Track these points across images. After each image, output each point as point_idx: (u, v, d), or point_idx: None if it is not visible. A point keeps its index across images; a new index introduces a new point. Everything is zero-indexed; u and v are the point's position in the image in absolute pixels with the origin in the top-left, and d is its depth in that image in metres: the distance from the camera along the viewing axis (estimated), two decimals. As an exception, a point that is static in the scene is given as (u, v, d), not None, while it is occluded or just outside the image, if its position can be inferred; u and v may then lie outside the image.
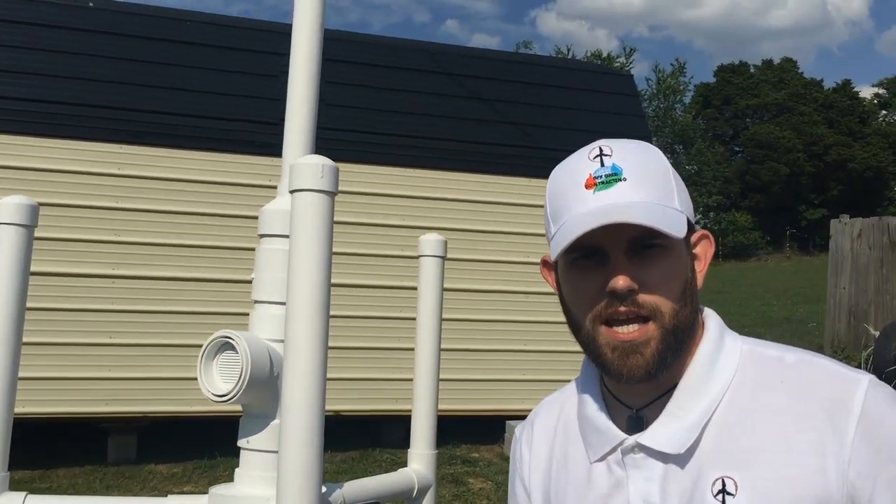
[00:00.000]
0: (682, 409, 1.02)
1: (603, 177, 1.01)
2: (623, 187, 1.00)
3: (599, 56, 43.42)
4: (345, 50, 7.00)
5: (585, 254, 1.01)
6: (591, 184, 1.01)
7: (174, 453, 6.33)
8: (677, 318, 1.01)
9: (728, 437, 1.00)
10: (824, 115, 45.15)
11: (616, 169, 1.01)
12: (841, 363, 1.04)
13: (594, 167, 1.02)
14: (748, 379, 1.03)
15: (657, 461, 1.02)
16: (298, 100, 1.77)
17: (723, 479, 0.98)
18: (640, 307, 0.99)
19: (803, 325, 14.68)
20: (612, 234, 0.98)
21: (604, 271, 1.00)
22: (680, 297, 1.01)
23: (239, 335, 1.66)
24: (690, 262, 1.06)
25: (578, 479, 1.09)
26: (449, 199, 6.92)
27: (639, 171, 1.02)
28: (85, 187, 6.10)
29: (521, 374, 6.93)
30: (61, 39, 6.33)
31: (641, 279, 0.99)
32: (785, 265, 34.20)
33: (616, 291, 0.98)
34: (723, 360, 1.05)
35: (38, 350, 5.90)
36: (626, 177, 1.01)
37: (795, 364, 1.03)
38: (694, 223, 1.08)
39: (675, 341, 1.01)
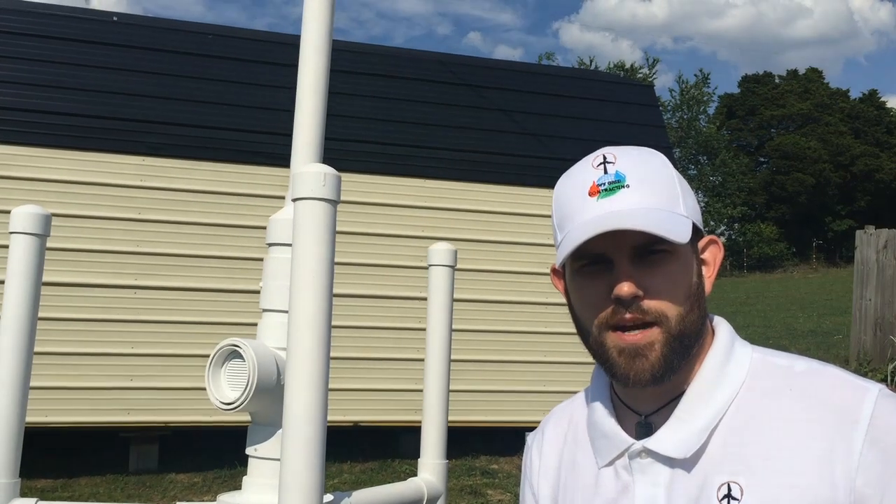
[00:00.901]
0: (689, 415, 1.02)
1: (606, 184, 1.02)
2: (626, 194, 1.01)
3: (622, 67, 43.33)
4: (357, 61, 7.06)
5: (591, 261, 1.02)
6: (594, 191, 1.02)
7: (195, 462, 6.37)
8: (683, 323, 1.01)
9: (735, 443, 1.00)
10: (851, 126, 44.72)
11: (619, 176, 1.02)
12: (851, 373, 1.04)
13: (598, 175, 1.03)
14: (757, 386, 1.03)
15: (664, 466, 1.03)
16: (306, 111, 1.79)
17: (728, 484, 0.98)
18: (645, 313, 1.00)
19: (829, 338, 14.50)
20: (616, 241, 0.99)
21: (609, 278, 1.01)
22: (686, 302, 1.01)
23: (246, 343, 1.68)
24: (697, 267, 1.05)
25: (586, 485, 1.10)
26: (468, 209, 6.94)
27: (642, 177, 1.02)
28: (109, 199, 6.18)
29: (541, 386, 6.90)
30: (88, 53, 6.43)
31: (646, 285, 1.00)
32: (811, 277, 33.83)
33: (621, 298, 0.99)
34: (732, 367, 1.05)
35: (62, 360, 5.98)
36: (630, 183, 1.01)
37: (805, 372, 1.03)
38: (702, 228, 1.08)
39: (681, 346, 1.01)
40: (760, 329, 16.32)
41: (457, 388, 6.57)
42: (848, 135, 44.07)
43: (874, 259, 11.00)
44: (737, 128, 47.78)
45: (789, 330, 16.19)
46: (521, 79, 7.71)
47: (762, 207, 44.25)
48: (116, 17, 6.85)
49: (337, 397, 6.38)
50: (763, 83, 49.36)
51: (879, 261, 10.93)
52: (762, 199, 44.07)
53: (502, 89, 7.46)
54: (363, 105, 6.95)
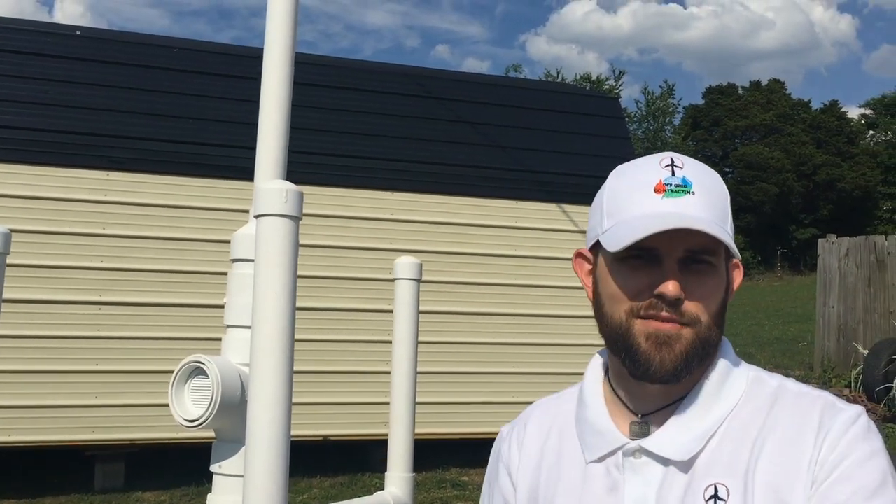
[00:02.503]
0: (691, 420, 1.06)
1: (673, 185, 1.05)
2: (691, 199, 1.04)
3: (589, 79, 43.70)
4: (323, 74, 7.06)
5: (638, 254, 1.04)
6: (660, 189, 1.05)
7: (162, 480, 6.29)
8: (710, 332, 1.05)
9: (726, 450, 1.04)
10: (812, 136, 45.45)
11: (686, 181, 1.05)
12: (838, 398, 1.09)
13: (665, 174, 1.06)
14: (752, 401, 1.08)
15: (658, 466, 1.05)
16: (269, 125, 1.79)
17: (715, 486, 1.02)
18: (682, 315, 1.03)
19: (794, 345, 14.69)
20: (672, 242, 1.02)
21: (653, 274, 1.03)
22: (716, 315, 1.06)
23: (210, 360, 1.67)
24: (728, 285, 1.10)
25: (572, 480, 1.11)
26: (434, 221, 6.95)
27: (706, 189, 1.06)
28: (72, 214, 6.11)
29: (510, 397, 6.92)
30: (50, 67, 6.37)
31: (689, 290, 1.03)
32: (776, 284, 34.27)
33: (666, 296, 1.02)
34: (732, 381, 1.10)
35: (25, 378, 5.89)
36: (695, 191, 1.05)
37: (794, 393, 1.08)
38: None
39: (703, 351, 1.05)
40: (727, 337, 16.45)
41: (426, 400, 6.58)
42: (810, 145, 44.78)
43: (836, 267, 11.18)
44: (702, 138, 48.34)
45: (755, 338, 16.37)
46: (487, 91, 7.76)
47: (727, 217, 44.76)
48: (79, 30, 6.80)
49: (306, 411, 6.35)
50: (727, 94, 50.03)
51: (841, 268, 11.12)
52: (727, 209, 44.57)
53: (468, 102, 7.50)
54: (329, 118, 6.95)
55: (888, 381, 8.55)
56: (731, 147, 47.95)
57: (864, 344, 10.40)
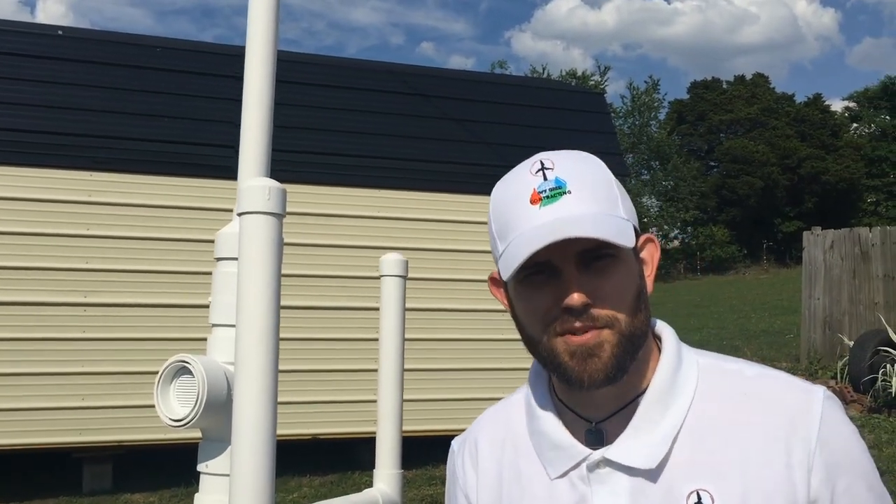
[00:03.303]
0: (648, 423, 1.01)
1: (547, 191, 0.99)
2: (568, 200, 0.98)
3: (574, 75, 43.79)
4: (307, 72, 7.03)
5: (536, 269, 0.98)
6: (535, 199, 0.99)
7: (150, 482, 6.27)
8: (632, 325, 0.99)
9: (700, 450, 1.00)
10: (797, 129, 45.71)
11: (560, 182, 0.99)
12: (794, 376, 1.06)
13: (537, 181, 1.00)
14: (712, 392, 1.03)
15: (623, 475, 1.00)
16: (252, 123, 1.79)
17: (698, 493, 0.97)
18: (595, 320, 0.97)
19: (781, 337, 14.77)
20: (561, 249, 0.96)
21: (556, 286, 0.98)
22: (633, 305, 1.00)
23: (195, 359, 1.66)
24: (639, 268, 1.04)
25: (536, 497, 1.06)
26: (420, 219, 6.95)
27: (582, 182, 1.00)
28: (56, 215, 6.07)
29: (499, 392, 6.88)
30: (32, 68, 6.31)
31: (594, 292, 0.97)
32: (762, 278, 34.44)
33: (571, 308, 0.96)
34: (683, 372, 1.04)
35: (10, 381, 5.85)
36: (571, 189, 0.98)
37: (756, 377, 1.04)
38: (638, 229, 1.05)
39: (632, 346, 0.99)
40: (714, 331, 16.57)
41: (415, 397, 6.58)
42: (794, 138, 45.02)
43: (821, 259, 11.25)
44: (687, 133, 48.52)
45: (742, 331, 16.45)
46: (472, 88, 7.75)
47: (714, 211, 44.95)
48: (62, 30, 6.75)
49: (295, 410, 6.33)
50: (711, 89, 50.22)
51: (826, 261, 11.18)
52: (713, 203, 44.77)
53: (453, 98, 7.50)
54: (313, 116, 6.93)
55: (874, 372, 8.60)
56: (716, 141, 48.16)
57: (849, 335, 10.47)
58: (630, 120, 44.50)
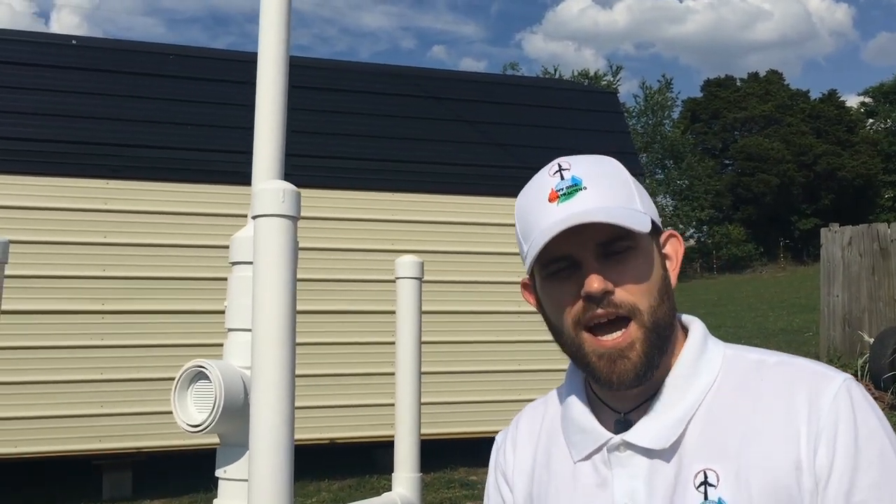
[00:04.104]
0: (666, 407, 1.05)
1: (564, 189, 1.05)
2: (585, 195, 1.04)
3: (586, 75, 43.72)
4: (320, 77, 7.05)
5: (559, 266, 1.04)
6: (553, 197, 1.05)
7: (170, 488, 6.28)
8: (656, 314, 1.03)
9: (710, 433, 1.03)
10: (812, 126, 45.43)
11: (576, 180, 1.05)
12: (822, 364, 1.07)
13: (555, 181, 1.06)
14: (731, 379, 1.06)
15: (643, 458, 1.04)
16: (265, 127, 1.78)
17: (705, 472, 1.00)
18: (617, 307, 1.02)
19: (800, 335, 14.67)
20: (580, 242, 1.02)
21: (577, 278, 1.03)
22: (655, 293, 1.04)
23: (212, 364, 1.66)
24: (661, 260, 1.08)
25: (562, 480, 1.11)
26: (436, 221, 6.95)
27: (598, 179, 1.06)
28: (74, 223, 6.11)
29: (517, 395, 6.90)
30: (46, 78, 6.36)
31: (615, 279, 1.02)
32: (780, 276, 34.23)
33: (591, 294, 1.01)
34: (706, 361, 1.08)
35: (31, 389, 5.89)
36: (587, 186, 1.05)
37: (776, 365, 1.06)
38: (660, 225, 1.10)
39: (659, 339, 1.03)
40: (732, 329, 16.47)
41: (433, 400, 6.57)
42: (810, 135, 44.74)
43: (840, 256, 11.15)
44: (701, 131, 48.32)
45: (761, 329, 16.35)
46: (485, 89, 7.74)
47: (729, 209, 44.73)
48: (76, 40, 6.79)
49: (312, 415, 6.34)
50: (725, 87, 50.00)
51: (845, 257, 11.09)
52: (729, 201, 44.56)
53: (466, 100, 7.49)
54: (327, 120, 6.94)
55: (895, 370, 8.52)
56: (730, 139, 47.93)
57: (869, 332, 10.37)
58: (643, 119, 44.37)
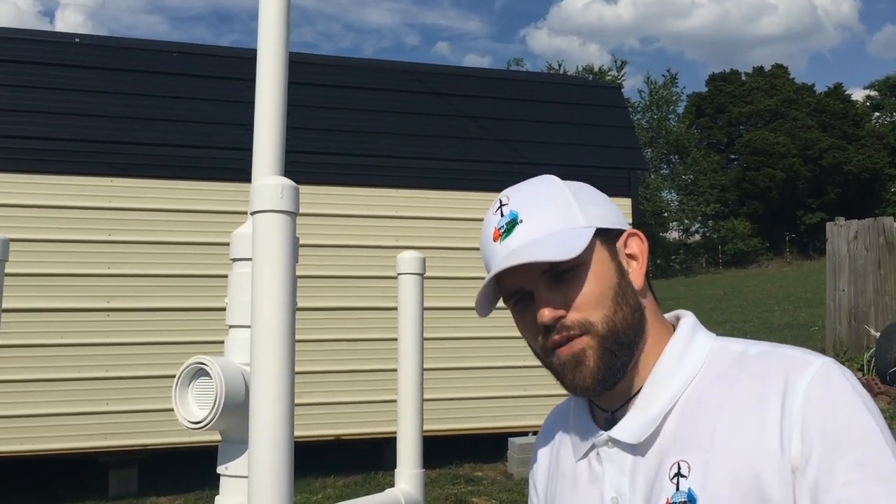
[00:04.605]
0: (647, 402, 1.08)
1: (504, 226, 1.10)
2: (521, 229, 1.08)
3: (591, 70, 43.59)
4: (323, 74, 7.04)
5: (518, 298, 1.11)
6: (496, 236, 1.11)
7: (176, 485, 6.30)
8: (611, 322, 1.06)
9: (686, 425, 1.05)
10: (817, 120, 45.23)
11: (513, 215, 1.10)
12: (806, 350, 1.06)
13: (496, 219, 1.12)
14: (712, 371, 1.07)
15: (627, 454, 1.09)
16: (264, 124, 1.77)
17: (678, 463, 1.03)
18: (569, 329, 1.06)
19: (806, 330, 14.63)
20: (528, 274, 1.07)
21: (534, 308, 1.09)
22: (608, 303, 1.07)
23: (212, 360, 1.66)
24: (618, 266, 1.09)
25: (566, 479, 1.17)
26: (439, 217, 6.94)
27: (532, 208, 1.10)
28: (78, 221, 6.11)
29: (521, 391, 6.90)
30: (49, 76, 6.36)
31: (565, 302, 1.06)
32: (785, 270, 34.14)
33: (544, 324, 1.07)
34: (690, 356, 1.09)
35: (36, 387, 5.90)
36: (523, 219, 1.09)
37: (757, 354, 1.06)
38: (617, 227, 1.12)
39: (617, 344, 1.06)
40: (738, 324, 16.43)
41: (437, 396, 6.57)
42: (815, 129, 44.54)
43: (845, 250, 11.11)
44: (706, 126, 48.14)
45: (766, 324, 16.31)
46: (488, 85, 7.73)
47: (735, 204, 44.59)
48: (79, 38, 6.80)
49: (317, 411, 6.34)
50: (730, 81, 49.80)
51: (851, 251, 11.05)
52: (734, 196, 44.42)
53: (470, 96, 7.48)
54: (330, 117, 6.93)
55: (901, 363, 8.49)
56: (735, 134, 47.77)
57: (875, 326, 10.34)
58: (648, 114, 44.21)
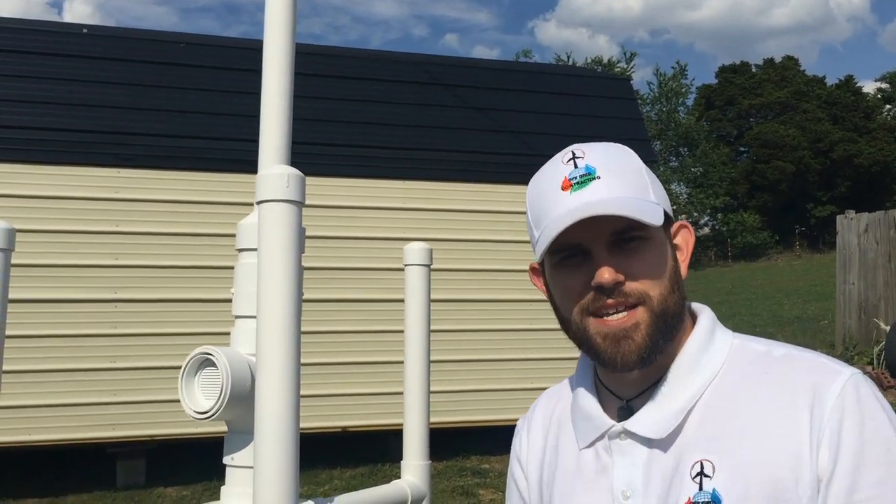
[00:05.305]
0: (667, 397, 1.05)
1: (578, 178, 1.05)
2: (598, 185, 1.04)
3: (600, 62, 43.46)
4: (331, 65, 7.03)
5: (570, 253, 1.05)
6: (566, 185, 1.05)
7: (183, 476, 6.31)
8: (666, 303, 1.04)
9: (710, 424, 1.03)
10: (828, 112, 44.98)
11: (589, 169, 1.05)
12: (830, 358, 1.06)
13: (568, 170, 1.06)
14: (734, 370, 1.06)
15: (642, 447, 1.05)
16: (271, 115, 1.77)
17: (701, 462, 1.01)
18: (627, 296, 1.02)
19: (815, 323, 14.57)
20: (592, 231, 1.02)
21: (588, 267, 1.03)
22: (666, 283, 1.05)
23: (218, 350, 1.65)
24: (672, 251, 1.09)
25: (567, 467, 1.13)
26: (446, 209, 6.92)
27: (612, 169, 1.05)
28: (85, 212, 6.12)
29: (528, 383, 6.89)
30: (57, 67, 6.36)
31: (626, 270, 1.02)
32: (795, 264, 34.02)
33: (602, 285, 1.01)
34: (711, 352, 1.08)
35: (44, 377, 5.92)
36: (600, 175, 1.04)
37: (782, 358, 1.06)
38: (672, 216, 1.11)
39: (665, 326, 1.04)
40: (746, 318, 16.38)
41: (444, 388, 6.57)
42: (826, 121, 44.31)
43: (856, 243, 11.06)
44: (716, 118, 47.94)
45: (775, 317, 16.26)
46: (496, 76, 7.70)
47: (744, 197, 44.42)
48: (86, 29, 6.79)
49: (324, 403, 6.34)
50: (740, 73, 49.56)
51: (861, 245, 10.99)
52: (744, 189, 44.25)
53: (478, 88, 7.45)
54: (338, 108, 6.92)
55: (911, 357, 8.44)
56: (745, 126, 47.56)
57: (885, 320, 10.29)
58: (657, 106, 44.05)
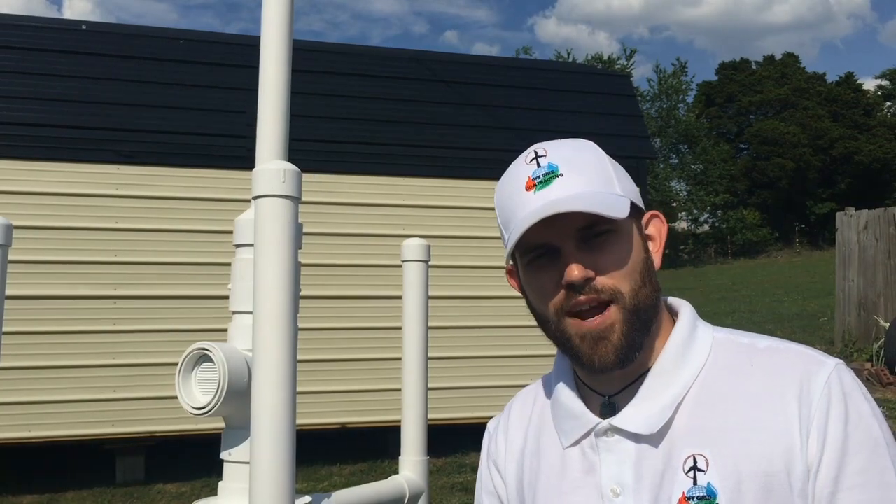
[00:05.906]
0: (654, 392, 1.05)
1: (541, 176, 1.04)
2: (561, 182, 1.03)
3: (600, 59, 43.43)
4: (330, 61, 7.02)
5: (539, 253, 1.05)
6: (530, 185, 1.04)
7: (182, 472, 6.32)
8: (637, 297, 1.03)
9: (700, 418, 1.03)
10: (828, 109, 44.95)
11: (552, 167, 1.05)
12: (812, 349, 1.07)
13: (531, 169, 1.06)
14: (720, 364, 1.06)
15: (630, 443, 1.05)
16: (268, 111, 1.76)
17: (694, 457, 1.00)
18: (599, 292, 1.02)
19: (815, 320, 14.57)
20: (559, 229, 1.02)
21: (558, 266, 1.03)
22: (637, 276, 1.04)
23: (215, 346, 1.65)
24: (643, 243, 1.09)
25: (551, 467, 1.11)
26: (444, 206, 6.92)
27: (574, 165, 1.05)
28: (85, 209, 6.12)
29: (528, 380, 6.85)
30: (58, 63, 6.35)
31: (595, 265, 1.02)
32: (795, 261, 34.02)
33: (572, 283, 1.01)
34: (695, 346, 1.08)
35: (43, 374, 5.92)
36: (563, 172, 1.04)
37: (766, 349, 1.06)
38: (642, 206, 1.10)
39: (640, 321, 1.03)
40: (746, 314, 16.39)
41: (444, 385, 6.57)
42: (826, 118, 44.28)
43: (855, 240, 11.06)
44: (716, 115, 47.91)
45: (775, 314, 16.26)
46: (496, 73, 7.69)
47: (744, 194, 44.41)
48: (85, 25, 6.78)
49: (323, 399, 6.35)
50: (740, 70, 49.52)
51: (861, 242, 10.99)
52: (744, 186, 44.23)
53: (477, 84, 7.44)
54: (336, 105, 6.91)
55: (911, 354, 8.45)
56: (745, 123, 47.53)
57: (885, 317, 10.29)
58: (657, 103, 44.02)
